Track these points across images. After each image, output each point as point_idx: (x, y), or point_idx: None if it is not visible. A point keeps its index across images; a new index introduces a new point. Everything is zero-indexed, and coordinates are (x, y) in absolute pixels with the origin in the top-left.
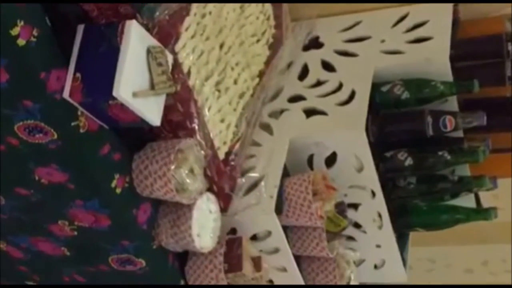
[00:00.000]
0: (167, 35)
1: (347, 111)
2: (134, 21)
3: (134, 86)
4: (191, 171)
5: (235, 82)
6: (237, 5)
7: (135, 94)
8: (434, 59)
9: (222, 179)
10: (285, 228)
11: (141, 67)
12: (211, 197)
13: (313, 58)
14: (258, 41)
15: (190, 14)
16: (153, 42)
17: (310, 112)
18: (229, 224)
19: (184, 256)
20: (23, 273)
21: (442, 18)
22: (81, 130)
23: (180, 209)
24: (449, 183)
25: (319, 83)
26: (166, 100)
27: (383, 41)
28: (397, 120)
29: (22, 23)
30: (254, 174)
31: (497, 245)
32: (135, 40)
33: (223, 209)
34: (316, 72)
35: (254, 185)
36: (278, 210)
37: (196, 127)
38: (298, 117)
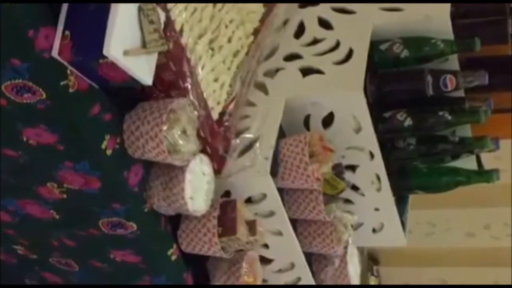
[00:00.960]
0: None
1: (344, 70)
2: None
3: (125, 44)
4: (184, 132)
5: (229, 40)
6: None
7: (126, 53)
8: (434, 16)
9: (216, 140)
10: (280, 191)
11: (132, 25)
12: (205, 158)
13: (310, 15)
14: None
15: None
16: None
17: (306, 71)
18: (223, 186)
19: (176, 220)
20: (10, 237)
21: None
22: (71, 90)
23: (173, 171)
24: (450, 144)
25: (315, 41)
26: (158, 59)
27: None
28: (396, 80)
29: None
30: (248, 135)
31: (499, 208)
32: None
33: (217, 171)
34: (312, 30)
35: (248, 147)
36: (274, 172)
37: (189, 87)
38: (294, 77)
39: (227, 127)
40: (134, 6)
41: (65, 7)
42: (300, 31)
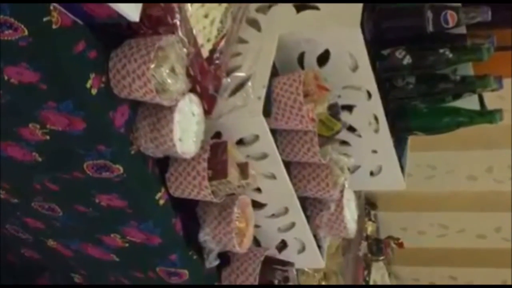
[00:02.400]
0: None
1: (340, 5)
2: None
3: None
4: (172, 70)
5: None
6: None
7: None
8: None
9: (206, 79)
10: (273, 132)
11: None
12: (194, 98)
13: None
14: None
15: None
16: None
17: (301, 7)
18: (214, 127)
19: (164, 163)
20: None
21: None
22: (54, 26)
23: (161, 112)
24: (451, 83)
25: None
26: None
27: None
28: (395, 15)
29: None
30: (240, 74)
31: (502, 150)
32: None
33: (207, 112)
34: None
35: (240, 86)
36: (266, 112)
37: (178, 23)
38: (287, 12)
39: (218, 65)
40: None
41: None
42: None
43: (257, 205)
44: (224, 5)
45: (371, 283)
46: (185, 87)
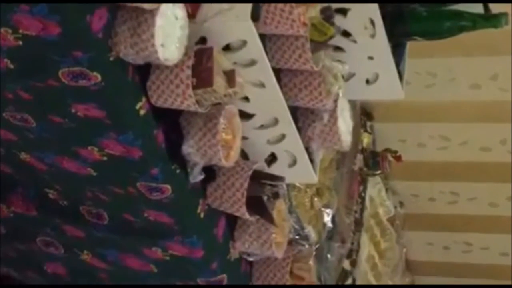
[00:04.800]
0: None
1: None
2: None
3: None
4: None
5: None
6: None
7: None
8: None
9: None
10: (262, 37)
11: None
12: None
13: None
14: None
15: None
16: None
17: None
18: (198, 32)
19: (146, 70)
20: None
21: None
22: None
23: (141, 15)
24: None
25: None
26: None
27: None
28: None
29: None
30: None
31: (507, 57)
32: None
33: (191, 15)
34: None
35: None
36: (255, 16)
37: None
38: None
39: None
40: None
41: None
42: None
43: (244, 115)
44: None
45: (367, 199)
46: None
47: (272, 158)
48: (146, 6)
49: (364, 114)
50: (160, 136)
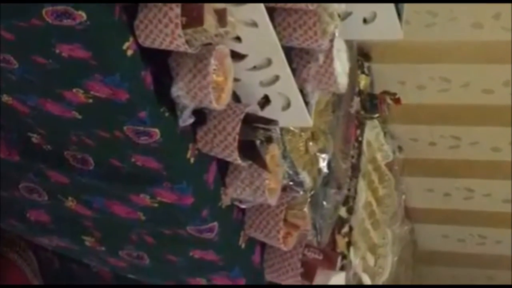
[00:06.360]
0: None
1: None
2: None
3: None
4: None
5: None
6: None
7: None
8: None
9: None
10: None
11: None
12: None
13: None
14: None
15: None
16: None
17: None
18: None
19: (133, 8)
20: None
21: None
22: None
23: None
24: None
25: None
26: None
27: None
28: None
29: None
30: None
31: None
32: None
33: None
34: None
35: None
36: None
37: None
38: None
39: None
40: None
41: None
42: None
43: (236, 56)
44: None
45: (364, 143)
46: None
47: (265, 101)
48: None
49: (362, 55)
50: (148, 78)
